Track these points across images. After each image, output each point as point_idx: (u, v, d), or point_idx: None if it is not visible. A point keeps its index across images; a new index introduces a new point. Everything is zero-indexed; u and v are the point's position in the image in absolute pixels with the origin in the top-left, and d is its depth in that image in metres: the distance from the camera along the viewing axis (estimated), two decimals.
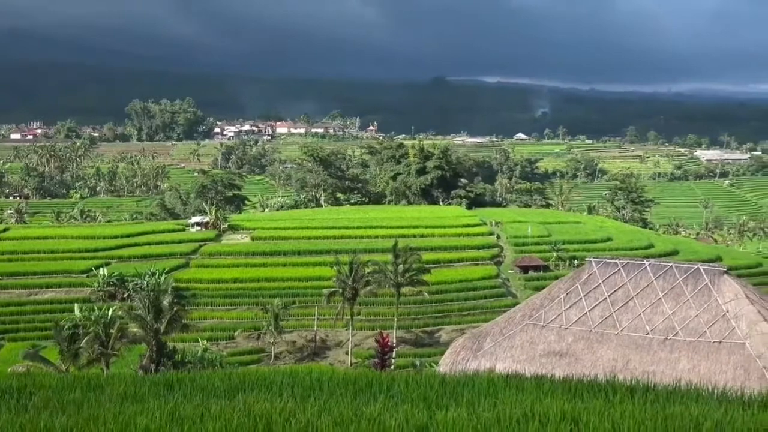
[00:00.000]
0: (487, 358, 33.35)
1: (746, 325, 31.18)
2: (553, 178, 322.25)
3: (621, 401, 14.70)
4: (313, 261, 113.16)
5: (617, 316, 33.58)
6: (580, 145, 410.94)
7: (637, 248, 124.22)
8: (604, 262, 36.23)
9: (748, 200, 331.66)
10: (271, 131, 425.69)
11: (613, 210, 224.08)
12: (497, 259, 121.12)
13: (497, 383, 16.75)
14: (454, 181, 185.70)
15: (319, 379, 17.30)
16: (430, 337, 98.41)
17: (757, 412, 14.01)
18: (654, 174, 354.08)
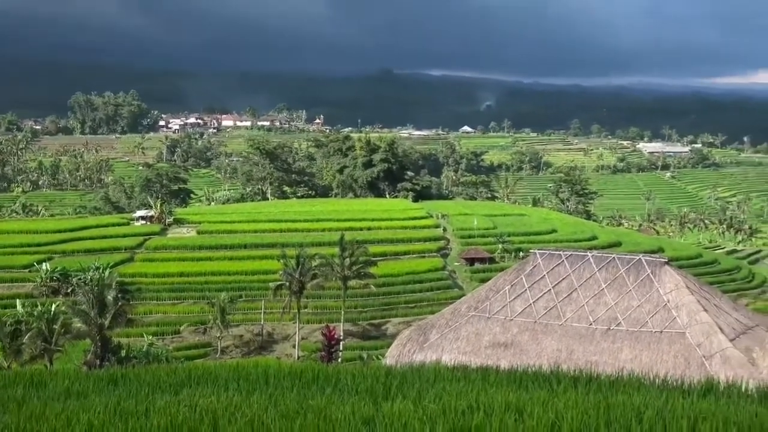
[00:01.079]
0: (434, 350, 33.52)
1: (686, 315, 31.74)
2: (499, 171, 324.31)
3: (565, 391, 14.91)
4: (259, 254, 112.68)
5: (561, 307, 33.97)
6: (525, 137, 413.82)
7: (581, 240, 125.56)
8: (548, 254, 36.62)
9: (688, 192, 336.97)
10: (216, 124, 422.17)
11: (557, 202, 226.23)
12: (443, 251, 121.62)
13: (443, 375, 16.90)
14: (401, 174, 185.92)
15: (266, 373, 17.32)
16: (377, 330, 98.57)
17: (696, 400, 14.31)
18: (597, 166, 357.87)
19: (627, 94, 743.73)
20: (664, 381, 16.73)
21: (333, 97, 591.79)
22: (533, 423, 11.82)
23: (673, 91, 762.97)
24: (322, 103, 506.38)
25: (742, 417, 12.46)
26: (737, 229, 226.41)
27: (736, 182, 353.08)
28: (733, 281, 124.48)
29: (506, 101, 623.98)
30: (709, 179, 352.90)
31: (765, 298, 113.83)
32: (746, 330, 32.95)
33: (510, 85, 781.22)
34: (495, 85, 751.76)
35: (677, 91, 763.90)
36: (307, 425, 11.72)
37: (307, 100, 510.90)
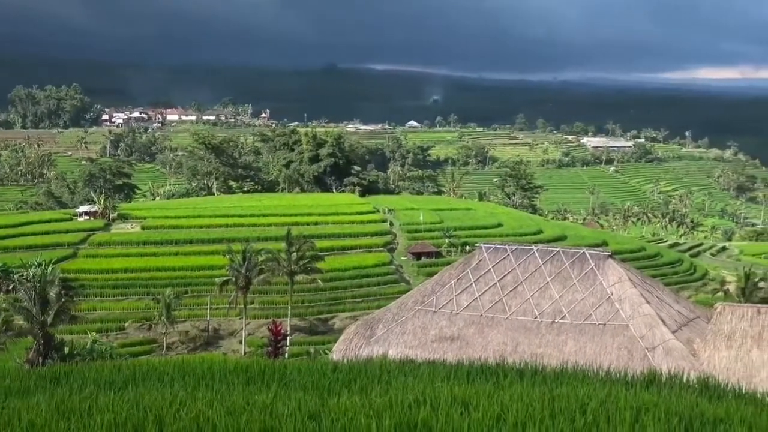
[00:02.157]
0: (380, 345, 33.56)
1: (629, 308, 32.13)
2: (445, 166, 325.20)
3: (510, 384, 15.02)
4: (205, 250, 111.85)
5: (507, 301, 34.19)
6: (471, 132, 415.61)
7: (527, 234, 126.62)
8: (493, 248, 36.81)
9: (632, 186, 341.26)
10: (161, 119, 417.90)
11: (503, 196, 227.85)
12: (390, 246, 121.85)
13: (390, 369, 16.93)
14: (348, 169, 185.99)
15: (211, 369, 17.22)
16: (325, 325, 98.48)
17: (639, 391, 14.51)
18: (543, 161, 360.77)
19: (572, 89, 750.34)
20: (608, 373, 16.94)
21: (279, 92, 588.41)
22: (479, 416, 11.89)
23: (616, 87, 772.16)
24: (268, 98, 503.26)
25: (684, 407, 12.66)
26: (679, 223, 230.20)
27: (677, 176, 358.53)
28: (675, 274, 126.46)
29: (452, 96, 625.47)
30: (651, 173, 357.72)
31: (706, 290, 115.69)
32: (688, 322, 33.46)
33: (456, 80, 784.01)
34: (441, 79, 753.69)
35: (621, 87, 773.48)
36: (253, 421, 11.67)
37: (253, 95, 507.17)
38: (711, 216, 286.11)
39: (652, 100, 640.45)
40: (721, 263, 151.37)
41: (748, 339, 29.59)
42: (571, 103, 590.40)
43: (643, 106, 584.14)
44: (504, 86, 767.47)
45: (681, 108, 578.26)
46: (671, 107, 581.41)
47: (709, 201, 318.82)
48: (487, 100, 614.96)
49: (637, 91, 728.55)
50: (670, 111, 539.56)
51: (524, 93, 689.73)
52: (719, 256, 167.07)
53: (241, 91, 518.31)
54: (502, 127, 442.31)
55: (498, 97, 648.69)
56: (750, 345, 29.45)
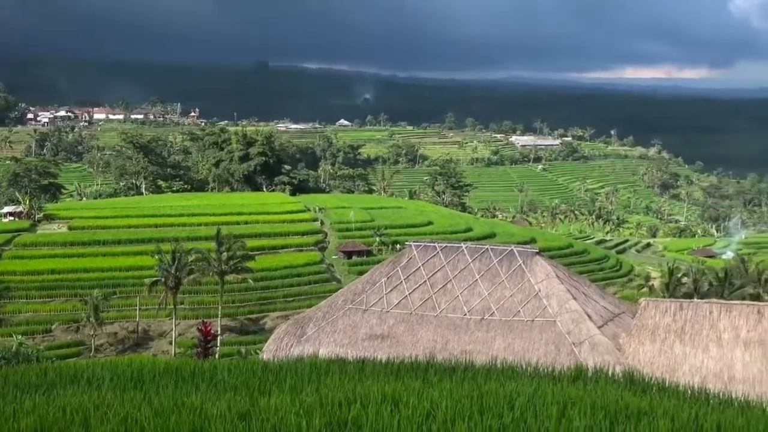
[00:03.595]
0: (311, 344, 33.54)
1: (557, 304, 32.59)
2: (376, 164, 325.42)
3: (440, 381, 15.12)
4: (134, 250, 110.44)
5: (436, 299, 34.42)
6: (402, 131, 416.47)
7: (457, 232, 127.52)
8: (423, 246, 37.02)
9: (560, 184, 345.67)
10: (88, 117, 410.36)
11: (433, 195, 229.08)
12: (321, 244, 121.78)
13: (320, 368, 16.93)
14: (278, 168, 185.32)
15: (140, 371, 17.02)
16: (256, 325, 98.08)
17: (566, 385, 14.72)
18: (472, 159, 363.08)
19: (501, 88, 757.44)
20: (536, 368, 17.14)
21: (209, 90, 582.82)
22: (409, 413, 11.96)
23: (544, 86, 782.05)
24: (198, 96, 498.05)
25: (609, 401, 12.87)
26: (605, 220, 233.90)
27: (604, 174, 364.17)
28: (601, 270, 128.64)
29: (383, 95, 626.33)
30: (578, 171, 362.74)
31: (632, 286, 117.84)
32: (613, 317, 34.06)
33: (386, 79, 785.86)
34: (372, 79, 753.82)
35: (549, 86, 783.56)
36: (182, 422, 11.59)
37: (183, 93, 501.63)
38: (636, 213, 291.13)
39: (579, 99, 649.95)
40: (645, 259, 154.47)
41: (671, 333, 30.24)
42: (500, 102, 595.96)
43: (570, 105, 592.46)
44: (434, 85, 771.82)
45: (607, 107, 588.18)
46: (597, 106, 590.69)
47: (634, 198, 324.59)
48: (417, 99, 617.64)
49: (565, 91, 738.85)
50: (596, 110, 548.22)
51: (454, 92, 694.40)
52: (644, 252, 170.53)
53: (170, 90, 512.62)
54: (431, 125, 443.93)
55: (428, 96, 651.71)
56: (673, 339, 30.10)
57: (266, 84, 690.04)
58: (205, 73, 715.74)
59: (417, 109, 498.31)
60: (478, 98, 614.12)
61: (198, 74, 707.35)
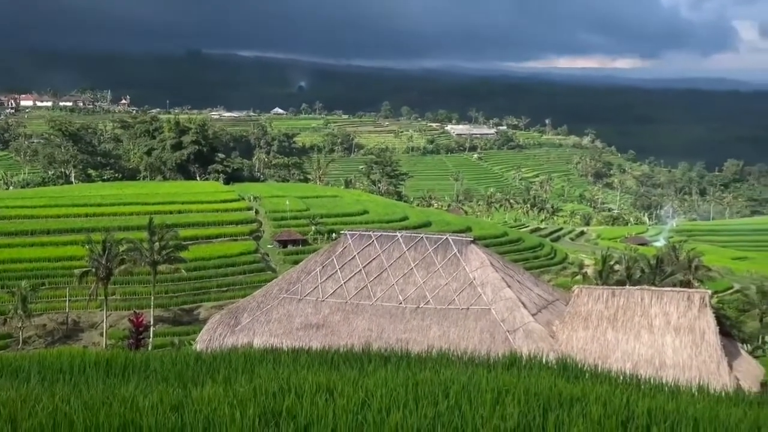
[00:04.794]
0: (245, 334, 33.31)
1: (491, 292, 32.81)
2: (311, 153, 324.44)
3: (375, 370, 15.12)
4: (63, 240, 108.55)
5: (372, 287, 34.42)
6: (337, 119, 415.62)
7: (393, 220, 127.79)
8: (358, 235, 36.98)
9: (495, 173, 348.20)
10: (14, 104, 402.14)
11: (369, 184, 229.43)
12: (256, 234, 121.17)
13: (254, 358, 16.83)
14: (212, 156, 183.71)
15: (70, 363, 16.75)
16: (189, 315, 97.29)
17: (500, 372, 14.82)
18: (408, 148, 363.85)
19: (437, 77, 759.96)
20: (471, 356, 17.23)
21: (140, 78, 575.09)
22: (344, 402, 11.94)
23: (480, 75, 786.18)
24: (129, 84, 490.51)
25: (542, 387, 12.98)
26: (540, 209, 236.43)
27: (538, 163, 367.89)
28: (536, 258, 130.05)
29: (318, 83, 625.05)
30: (513, 160, 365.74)
31: (566, 273, 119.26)
32: (547, 304, 34.42)
33: (321, 67, 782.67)
34: (307, 67, 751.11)
35: (484, 75, 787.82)
36: (113, 414, 11.39)
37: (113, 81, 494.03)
38: (570, 201, 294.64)
39: (514, 89, 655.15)
40: (579, 247, 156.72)
41: (603, 320, 30.65)
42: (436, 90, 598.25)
43: (506, 94, 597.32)
44: (369, 74, 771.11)
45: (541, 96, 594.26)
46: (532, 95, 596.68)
47: (568, 187, 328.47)
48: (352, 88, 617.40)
49: (500, 80, 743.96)
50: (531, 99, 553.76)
51: (389, 81, 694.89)
52: (578, 240, 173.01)
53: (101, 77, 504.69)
54: (367, 114, 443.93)
55: (363, 85, 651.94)
56: (605, 326, 30.51)
57: (199, 72, 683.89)
58: (136, 61, 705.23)
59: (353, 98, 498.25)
60: (415, 87, 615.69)
61: (129, 62, 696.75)
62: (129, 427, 11.08)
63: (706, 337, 29.14)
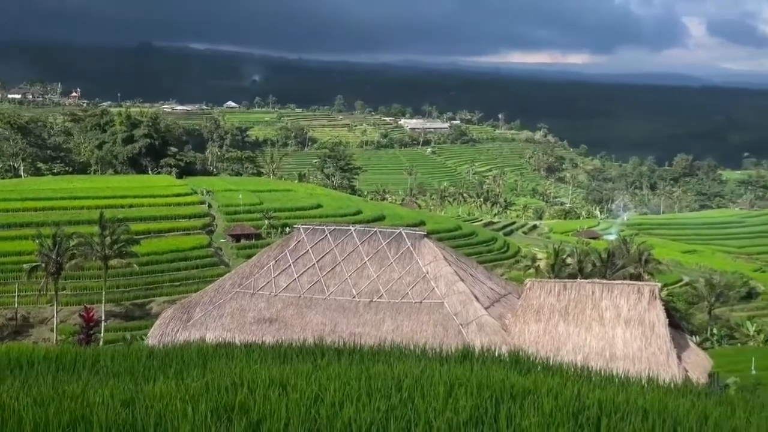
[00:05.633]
0: (198, 328, 33.16)
1: (444, 286, 32.97)
2: (264, 147, 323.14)
3: (328, 364, 15.12)
4: (12, 234, 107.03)
5: (325, 281, 34.43)
6: (291, 113, 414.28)
7: (347, 214, 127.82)
8: (312, 229, 36.93)
9: (448, 167, 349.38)
10: None
11: (323, 177, 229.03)
12: (209, 228, 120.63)
13: (207, 353, 16.74)
14: (164, 150, 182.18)
15: (19, 359, 16.56)
16: (141, 310, 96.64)
17: (453, 366, 14.88)
18: (362, 142, 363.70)
19: (391, 71, 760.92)
20: (424, 350, 17.28)
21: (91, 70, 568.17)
22: (297, 396, 11.94)
23: (434, 69, 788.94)
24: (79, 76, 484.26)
25: (495, 381, 13.06)
26: (493, 203, 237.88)
27: (491, 157, 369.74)
28: (489, 252, 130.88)
29: (271, 77, 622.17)
30: (467, 154, 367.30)
31: (518, 267, 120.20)
32: (500, 298, 34.68)
33: (275, 61, 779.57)
34: (260, 60, 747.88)
35: (438, 69, 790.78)
36: (63, 410, 11.28)
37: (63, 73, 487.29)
38: (523, 196, 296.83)
39: (468, 83, 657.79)
40: (532, 241, 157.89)
41: (555, 313, 30.96)
42: (390, 85, 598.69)
43: (459, 88, 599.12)
44: (323, 67, 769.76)
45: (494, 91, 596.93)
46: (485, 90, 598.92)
47: (521, 181, 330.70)
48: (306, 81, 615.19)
49: (453, 74, 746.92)
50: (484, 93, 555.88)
51: (343, 74, 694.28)
52: (531, 234, 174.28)
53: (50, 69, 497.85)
54: (321, 108, 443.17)
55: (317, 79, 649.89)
56: (557, 319, 30.82)
57: (151, 65, 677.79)
58: (86, 54, 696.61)
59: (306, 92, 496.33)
60: (369, 81, 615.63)
61: (79, 54, 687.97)
62: (79, 423, 10.98)
63: (655, 329, 29.57)
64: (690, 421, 11.79)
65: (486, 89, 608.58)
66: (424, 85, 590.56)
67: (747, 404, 14.14)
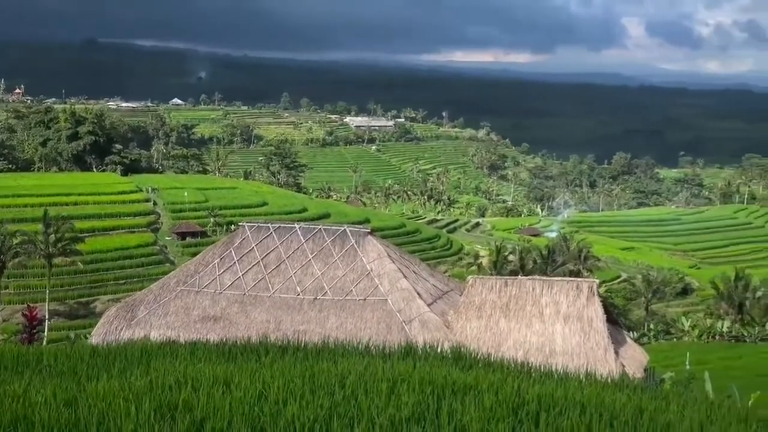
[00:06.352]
0: (142, 327, 32.97)
1: (388, 283, 33.15)
2: (210, 144, 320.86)
3: (272, 361, 15.19)
4: None
5: (270, 279, 34.43)
6: (237, 111, 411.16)
7: (292, 212, 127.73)
8: (256, 227, 36.90)
9: (393, 165, 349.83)
10: None
11: (268, 175, 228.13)
12: (154, 226, 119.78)
13: (151, 351, 16.73)
14: (109, 147, 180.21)
15: None
16: (86, 308, 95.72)
17: (396, 362, 15.04)
18: (307, 140, 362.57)
19: (337, 69, 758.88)
20: (367, 346, 17.43)
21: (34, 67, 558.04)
22: (240, 394, 12.00)
23: (379, 67, 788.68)
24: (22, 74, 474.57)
25: (437, 377, 13.23)
26: (437, 200, 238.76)
27: (435, 155, 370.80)
28: (433, 249, 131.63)
29: (217, 74, 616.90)
30: (411, 152, 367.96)
31: (461, 264, 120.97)
32: (442, 295, 34.95)
33: (221, 58, 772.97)
34: (206, 57, 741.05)
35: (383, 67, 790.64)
36: (3, 410, 11.25)
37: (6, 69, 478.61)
38: (466, 193, 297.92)
39: (412, 81, 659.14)
40: (475, 238, 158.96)
41: (496, 309, 31.31)
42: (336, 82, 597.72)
43: (403, 86, 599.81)
44: (269, 65, 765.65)
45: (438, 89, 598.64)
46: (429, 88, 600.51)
47: (464, 179, 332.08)
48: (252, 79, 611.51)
49: (398, 72, 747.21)
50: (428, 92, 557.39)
51: (289, 72, 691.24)
52: (474, 231, 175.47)
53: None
54: (267, 106, 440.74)
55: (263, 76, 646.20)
56: (498, 315, 31.17)
57: (96, 61, 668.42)
58: (30, 50, 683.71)
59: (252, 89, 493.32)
60: (314, 79, 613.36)
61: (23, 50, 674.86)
62: (20, 423, 10.95)
63: (593, 324, 30.04)
64: (626, 415, 12.00)
65: (430, 88, 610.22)
66: (369, 83, 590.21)
67: (681, 398, 14.43)
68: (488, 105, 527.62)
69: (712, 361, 67.89)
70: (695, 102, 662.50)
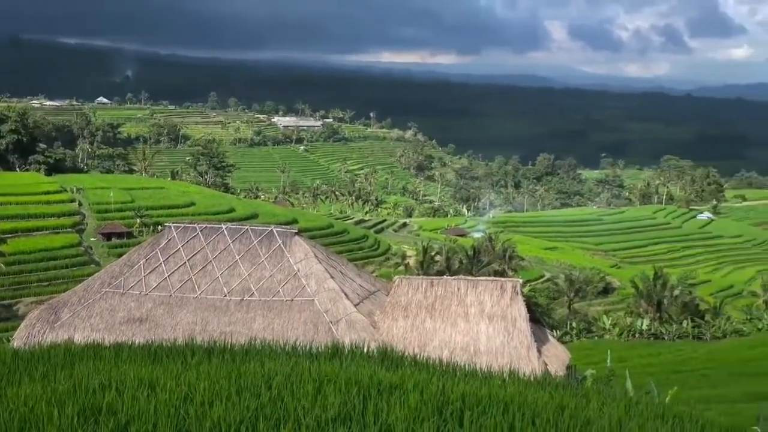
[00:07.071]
0: (65, 329, 32.47)
1: (315, 283, 33.20)
2: (137, 143, 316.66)
3: (198, 363, 15.15)
4: None
5: (196, 280, 34.21)
6: (163, 110, 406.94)
7: (220, 212, 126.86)
8: (183, 227, 36.62)
9: (321, 165, 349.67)
10: None
11: (196, 175, 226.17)
12: (79, 226, 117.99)
13: (74, 354, 16.55)
14: (32, 146, 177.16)
15: None
16: (8, 311, 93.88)
17: (323, 363, 15.13)
18: (235, 140, 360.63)
19: (264, 68, 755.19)
20: (294, 347, 17.47)
21: None
22: (166, 396, 11.96)
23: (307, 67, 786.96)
24: None
25: (363, 377, 13.35)
26: (365, 201, 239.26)
27: (363, 156, 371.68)
28: (361, 249, 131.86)
29: (144, 73, 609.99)
30: (339, 153, 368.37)
31: (389, 264, 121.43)
32: (369, 295, 35.11)
33: (147, 56, 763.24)
34: (133, 55, 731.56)
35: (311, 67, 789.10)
36: None
37: None
38: (393, 194, 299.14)
39: (340, 81, 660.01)
40: (402, 238, 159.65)
41: (422, 309, 31.56)
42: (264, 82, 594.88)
43: (331, 86, 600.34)
44: (196, 64, 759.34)
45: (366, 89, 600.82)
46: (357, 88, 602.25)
47: (391, 179, 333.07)
48: (179, 78, 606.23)
49: (326, 72, 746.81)
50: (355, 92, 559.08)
51: (217, 71, 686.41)
52: (401, 231, 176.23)
53: None
54: (194, 105, 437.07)
55: (190, 75, 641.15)
56: (424, 315, 31.43)
57: (19, 58, 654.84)
58: None
59: (179, 88, 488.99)
60: (242, 78, 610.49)
61: None
62: None
63: (517, 324, 30.47)
64: (548, 413, 12.23)
65: (357, 88, 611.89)
66: (297, 83, 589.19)
67: (601, 395, 14.77)
68: (415, 106, 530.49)
69: (632, 359, 69.28)
70: (616, 104, 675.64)
